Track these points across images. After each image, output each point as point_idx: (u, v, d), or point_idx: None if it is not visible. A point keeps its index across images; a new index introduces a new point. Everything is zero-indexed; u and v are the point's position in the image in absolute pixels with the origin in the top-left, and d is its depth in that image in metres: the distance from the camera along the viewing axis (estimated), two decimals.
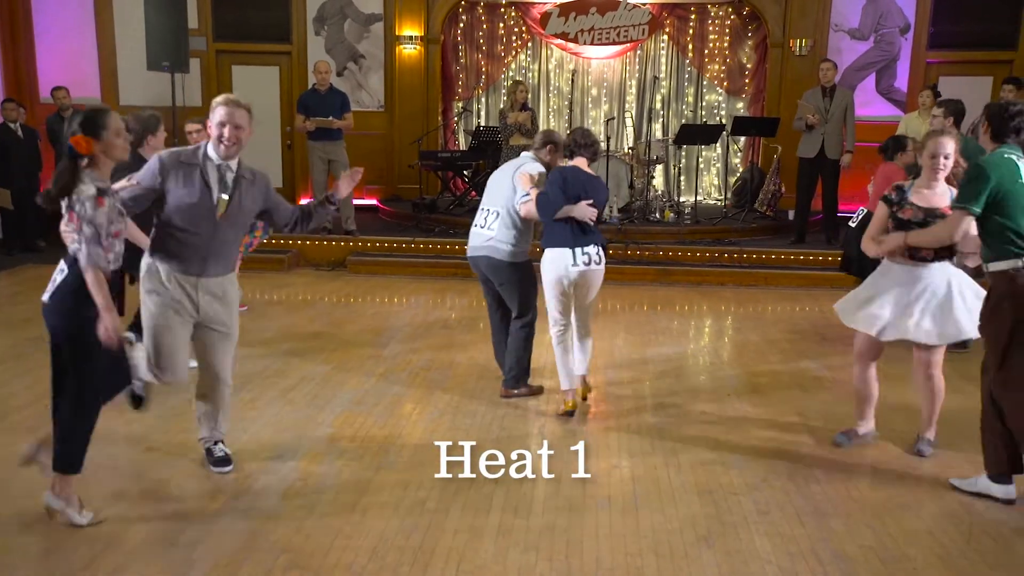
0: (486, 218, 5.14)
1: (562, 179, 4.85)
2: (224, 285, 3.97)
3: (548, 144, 5.16)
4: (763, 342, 6.76)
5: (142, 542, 3.50)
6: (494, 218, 5.09)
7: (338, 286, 8.57)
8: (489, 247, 5.09)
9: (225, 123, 3.91)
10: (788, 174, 10.41)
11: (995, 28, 11.11)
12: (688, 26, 12.12)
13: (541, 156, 5.18)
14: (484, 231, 5.12)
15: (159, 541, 3.51)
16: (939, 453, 4.51)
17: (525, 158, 5.23)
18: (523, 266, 5.15)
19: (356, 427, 4.80)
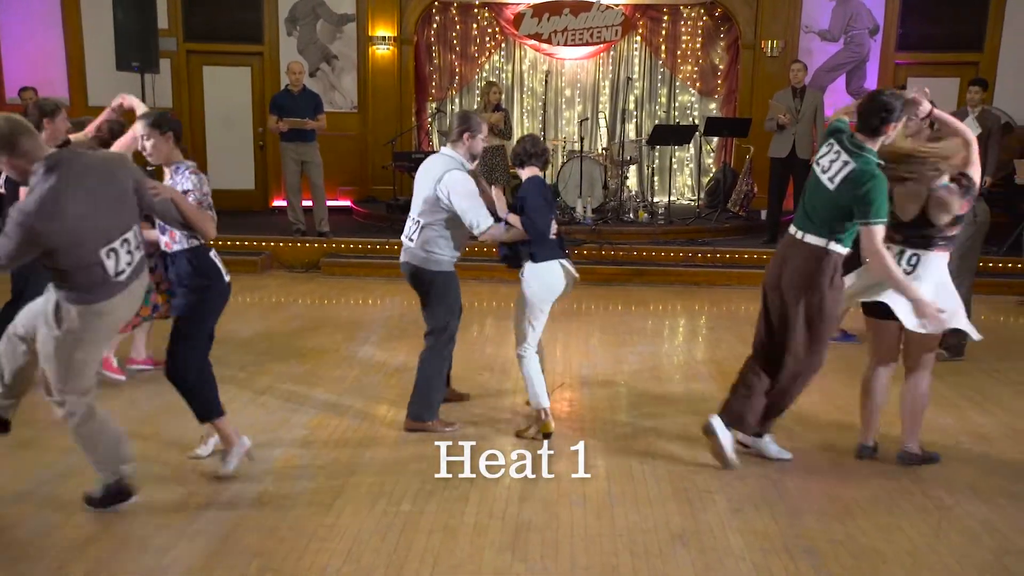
0: (409, 227, 4.70)
1: (541, 193, 4.57)
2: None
3: (465, 131, 4.60)
4: (736, 341, 6.80)
5: (112, 548, 3.46)
6: (415, 228, 4.65)
7: (312, 288, 8.52)
8: (410, 254, 4.69)
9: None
10: (760, 174, 10.50)
11: (962, 30, 11.29)
12: (661, 27, 12.18)
13: (459, 150, 4.63)
14: (407, 241, 4.71)
15: (130, 546, 3.47)
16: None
17: (444, 163, 4.61)
18: (445, 275, 4.70)
19: (331, 429, 4.78)
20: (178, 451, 4.35)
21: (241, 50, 11.65)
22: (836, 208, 4.01)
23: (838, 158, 4.02)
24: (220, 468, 4.09)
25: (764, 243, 9.57)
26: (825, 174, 4.07)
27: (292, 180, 9.47)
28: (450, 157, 4.64)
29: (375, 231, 10.08)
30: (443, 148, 4.74)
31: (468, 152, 4.65)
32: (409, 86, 11.97)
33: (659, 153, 11.89)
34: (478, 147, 4.68)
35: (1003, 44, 11.17)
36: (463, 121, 4.63)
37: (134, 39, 9.77)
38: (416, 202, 4.70)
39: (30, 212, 3.21)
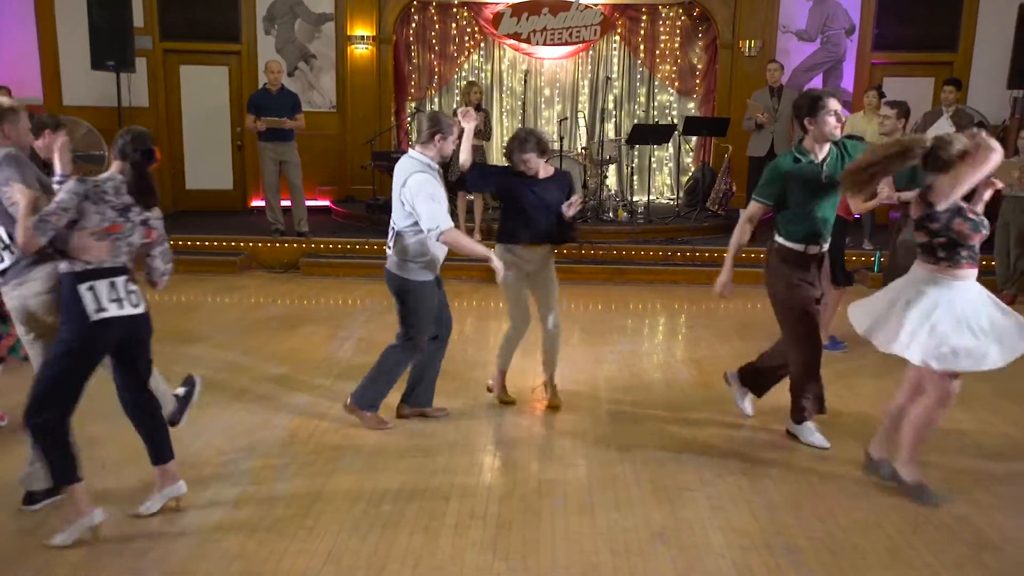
0: (389, 235, 4.69)
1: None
2: None
3: (436, 133, 4.54)
4: (715, 339, 6.84)
5: (89, 551, 3.42)
6: (391, 234, 4.64)
7: (291, 288, 8.48)
8: (389, 261, 4.68)
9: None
10: (739, 173, 10.55)
11: (936, 30, 11.40)
12: (639, 27, 12.22)
13: (429, 151, 4.58)
14: (387, 248, 4.70)
15: (107, 550, 3.44)
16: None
17: (409, 165, 4.56)
18: (417, 284, 4.63)
19: (311, 430, 4.75)
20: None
21: (219, 49, 11.56)
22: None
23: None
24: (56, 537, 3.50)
25: None
26: None
27: (270, 180, 9.42)
28: (416, 159, 4.58)
29: (354, 231, 10.04)
30: (411, 149, 4.67)
31: (438, 153, 4.61)
32: (388, 85, 11.93)
33: (638, 152, 11.92)
34: (448, 149, 4.63)
35: (976, 45, 11.29)
36: (434, 122, 4.56)
37: (110, 38, 9.69)
38: (392, 208, 4.65)
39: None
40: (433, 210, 4.40)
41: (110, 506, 3.70)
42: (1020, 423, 5.04)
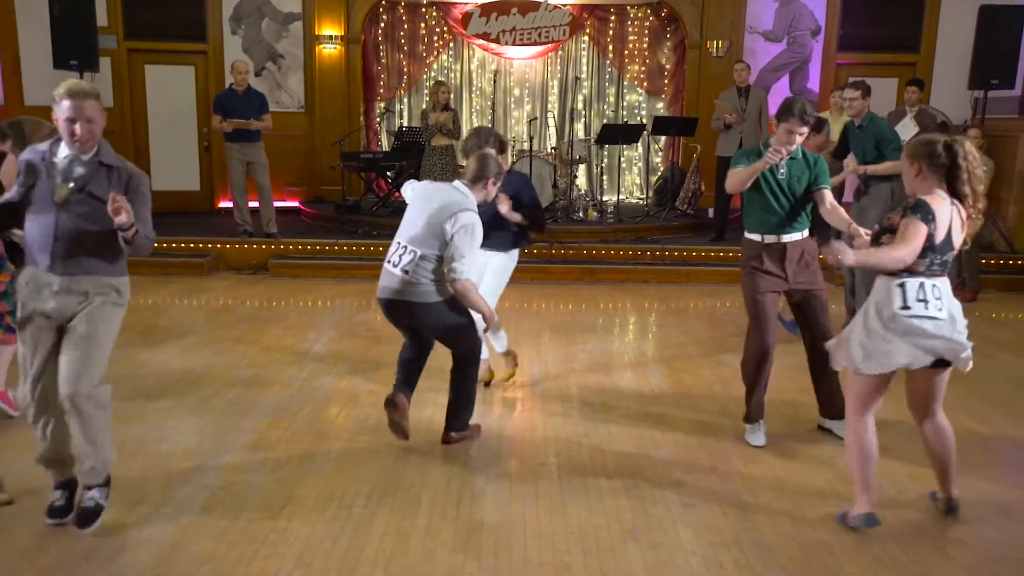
0: (400, 256, 4.34)
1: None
2: (84, 285, 3.48)
3: (487, 178, 4.45)
4: (685, 337, 6.89)
5: (58, 556, 3.37)
6: (409, 260, 4.30)
7: (260, 290, 8.41)
8: (405, 291, 4.32)
9: (75, 119, 3.38)
10: (707, 173, 10.63)
11: (900, 32, 11.58)
12: (608, 27, 12.27)
13: (477, 193, 4.44)
14: (397, 272, 4.33)
15: (75, 555, 3.39)
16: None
17: (459, 199, 4.35)
18: (444, 303, 4.39)
19: (280, 432, 4.72)
20: (124, 457, 4.25)
21: (184, 49, 11.45)
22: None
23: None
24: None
25: (711, 241, 9.70)
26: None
27: (238, 181, 9.34)
28: (466, 195, 4.40)
29: (324, 232, 9.98)
30: (458, 182, 4.47)
31: (484, 197, 4.52)
32: (357, 85, 11.88)
33: (608, 152, 11.98)
34: (492, 194, 4.57)
35: (938, 46, 11.49)
36: (486, 167, 4.45)
37: (72, 36, 9.55)
38: (411, 228, 4.36)
39: None
40: (470, 255, 4.30)
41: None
42: (987, 420, 5.13)
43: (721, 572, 3.38)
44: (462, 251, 4.23)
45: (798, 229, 4.58)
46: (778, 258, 4.55)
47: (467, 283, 4.30)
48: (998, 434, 4.90)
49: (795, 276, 4.57)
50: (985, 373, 6.02)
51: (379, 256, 8.93)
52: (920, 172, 3.53)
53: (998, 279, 8.90)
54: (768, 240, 4.57)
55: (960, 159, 3.47)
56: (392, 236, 4.50)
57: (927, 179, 3.53)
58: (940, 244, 3.50)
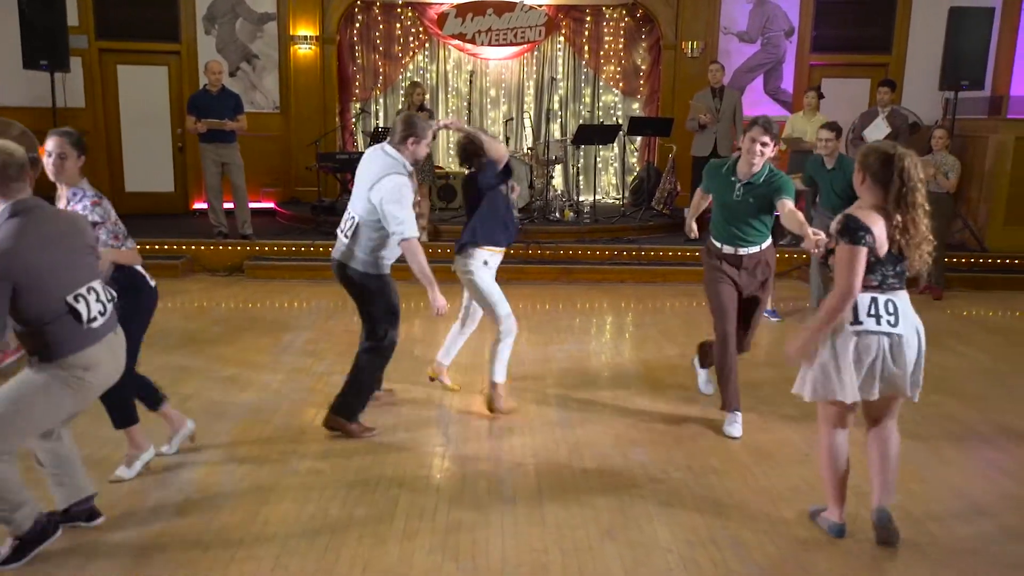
0: (345, 222, 4.65)
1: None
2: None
3: (409, 136, 4.55)
4: (661, 337, 6.92)
5: (28, 565, 3.33)
6: (351, 225, 4.58)
7: (235, 291, 8.36)
8: (341, 252, 4.64)
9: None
10: (683, 173, 10.69)
11: (871, 33, 11.70)
12: (584, 28, 12.30)
13: (403, 153, 4.57)
14: (341, 237, 4.65)
15: (47, 563, 3.36)
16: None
17: (385, 165, 4.51)
18: (381, 277, 4.64)
19: (256, 434, 4.69)
20: (99, 460, 4.22)
21: (157, 49, 11.34)
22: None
23: None
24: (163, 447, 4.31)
25: (687, 241, 9.72)
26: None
27: (212, 182, 9.27)
28: (392, 158, 4.55)
29: (299, 233, 9.93)
30: (386, 145, 4.62)
31: (412, 156, 4.60)
32: (332, 86, 11.83)
33: (584, 152, 12.01)
34: (422, 152, 4.66)
35: (909, 47, 11.62)
36: (408, 126, 4.55)
37: (42, 36, 9.43)
38: (356, 198, 4.62)
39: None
40: (404, 215, 4.40)
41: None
42: (958, 417, 5.20)
43: (697, 570, 3.40)
44: (394, 214, 4.38)
45: (755, 243, 4.77)
46: (734, 265, 4.80)
47: (412, 243, 4.42)
48: (970, 431, 4.97)
49: (746, 286, 4.83)
50: (956, 371, 6.12)
51: None
52: (864, 181, 3.46)
53: (968, 277, 9.02)
54: (726, 250, 4.80)
55: (897, 175, 3.35)
56: None
57: (871, 189, 3.44)
58: (887, 256, 3.39)
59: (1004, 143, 9.39)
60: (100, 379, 3.36)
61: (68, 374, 3.24)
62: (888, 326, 3.41)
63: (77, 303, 3.23)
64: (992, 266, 9.27)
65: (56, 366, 3.22)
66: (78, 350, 3.24)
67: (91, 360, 3.28)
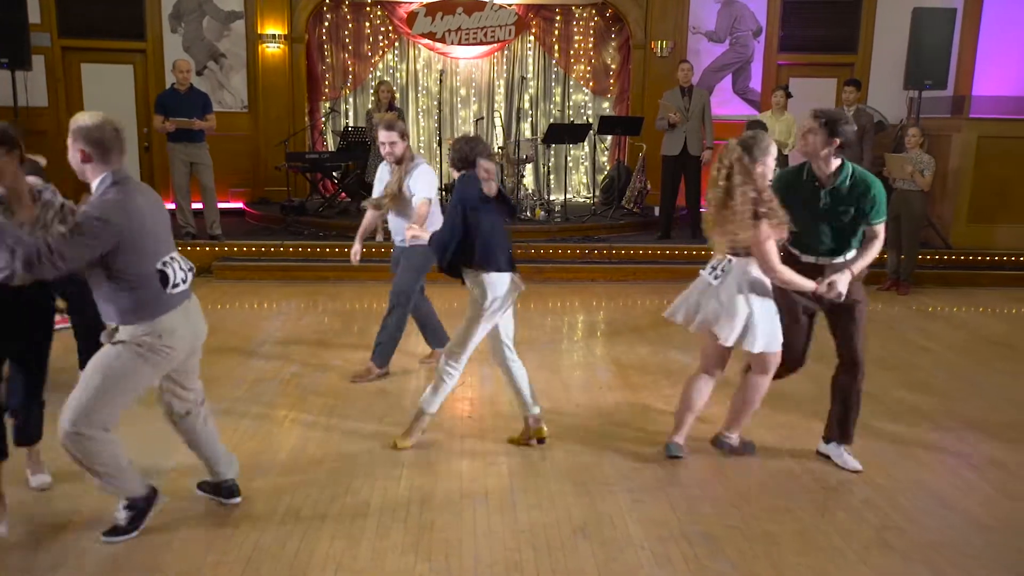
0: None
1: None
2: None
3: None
4: (633, 335, 6.95)
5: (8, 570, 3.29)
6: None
7: (203, 293, 8.26)
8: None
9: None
10: (653, 171, 10.74)
11: (837, 33, 11.85)
12: (554, 27, 12.33)
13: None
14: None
15: (12, 568, 3.30)
16: (794, 433, 4.77)
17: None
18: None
19: (226, 437, 4.62)
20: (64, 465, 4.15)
21: (122, 47, 11.20)
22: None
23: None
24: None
25: (658, 239, 9.81)
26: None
27: (180, 182, 9.16)
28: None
29: (269, 233, 9.85)
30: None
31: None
32: (301, 85, 11.75)
33: (554, 152, 12.03)
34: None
35: (875, 47, 11.78)
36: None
37: (2, 34, 9.27)
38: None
39: (106, 209, 3.19)
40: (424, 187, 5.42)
41: (10, 525, 3.57)
42: (922, 411, 5.27)
43: (669, 566, 3.42)
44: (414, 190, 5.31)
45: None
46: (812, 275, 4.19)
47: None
48: (935, 425, 5.04)
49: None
50: (922, 366, 6.21)
51: (326, 257, 8.96)
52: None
53: (932, 274, 9.16)
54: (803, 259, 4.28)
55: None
56: (339, 237, 4.61)
57: None
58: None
59: (967, 142, 9.55)
60: (179, 344, 3.45)
61: (150, 340, 3.34)
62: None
63: (166, 268, 3.40)
64: (956, 262, 9.42)
65: (140, 331, 3.32)
66: (161, 314, 3.36)
67: (171, 325, 3.40)
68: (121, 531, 3.53)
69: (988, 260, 9.46)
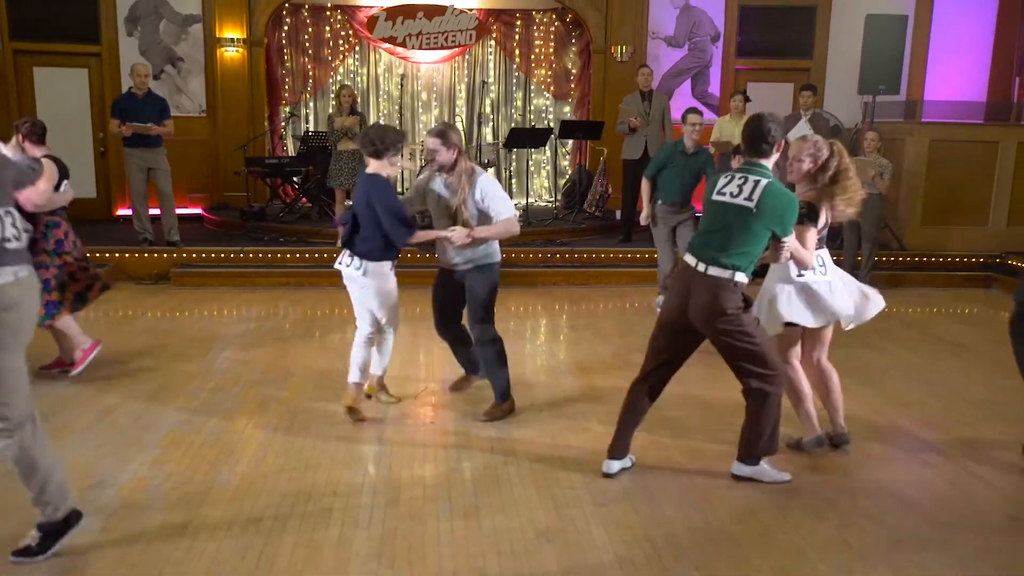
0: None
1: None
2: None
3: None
4: (595, 338, 6.98)
5: None
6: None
7: (162, 300, 8.15)
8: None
9: None
10: (614, 175, 10.80)
11: (794, 39, 12.04)
12: (514, 32, 12.35)
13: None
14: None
15: None
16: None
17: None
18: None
19: (184, 446, 4.58)
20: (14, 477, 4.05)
21: (76, 51, 11.00)
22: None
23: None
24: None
25: (619, 242, 9.86)
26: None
27: (137, 187, 9.01)
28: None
29: (229, 239, 9.74)
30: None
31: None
32: (260, 89, 11.63)
33: (516, 156, 12.06)
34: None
35: (829, 53, 11.98)
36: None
37: None
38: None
39: None
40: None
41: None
42: (881, 411, 5.35)
43: (633, 569, 3.43)
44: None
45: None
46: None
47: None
48: (893, 425, 5.13)
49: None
50: (879, 367, 6.31)
51: (286, 263, 8.88)
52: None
53: (888, 275, 9.31)
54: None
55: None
56: (298, 243, 4.58)
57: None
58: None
59: (920, 145, 9.73)
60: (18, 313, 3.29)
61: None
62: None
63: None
64: (911, 264, 9.60)
65: None
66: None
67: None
68: (32, 552, 3.38)
69: (941, 261, 9.64)
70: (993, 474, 4.41)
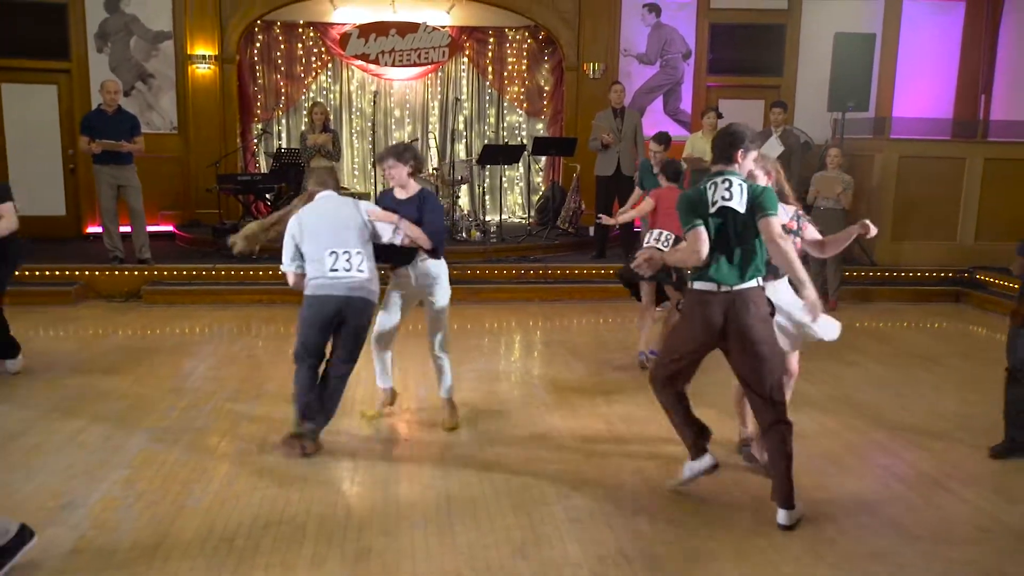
0: (349, 260, 4.66)
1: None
2: None
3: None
4: (569, 354, 6.99)
5: None
6: (360, 259, 4.70)
7: (133, 318, 8.06)
8: (366, 289, 4.73)
9: None
10: (587, 191, 10.85)
11: (764, 56, 12.19)
12: (487, 49, 12.41)
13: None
14: (354, 273, 4.67)
15: None
16: (726, 449, 4.84)
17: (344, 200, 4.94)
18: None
19: (156, 466, 4.52)
20: None
21: (45, 67, 10.89)
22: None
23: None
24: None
25: (593, 258, 9.91)
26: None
27: (107, 205, 8.92)
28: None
29: (201, 256, 9.66)
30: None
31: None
32: (233, 106, 11.58)
33: (489, 172, 12.09)
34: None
35: (799, 70, 12.15)
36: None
37: None
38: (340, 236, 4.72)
39: None
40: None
41: None
42: (853, 425, 5.40)
43: None
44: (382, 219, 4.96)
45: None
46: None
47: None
48: (865, 438, 5.17)
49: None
50: (850, 380, 6.37)
51: (259, 280, 8.82)
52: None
53: (858, 290, 9.42)
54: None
55: None
56: (271, 260, 4.57)
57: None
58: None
59: (888, 162, 9.88)
60: None
61: None
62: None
63: None
64: (880, 279, 9.72)
65: None
66: None
67: None
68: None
69: (911, 276, 9.77)
70: (963, 488, 4.46)
